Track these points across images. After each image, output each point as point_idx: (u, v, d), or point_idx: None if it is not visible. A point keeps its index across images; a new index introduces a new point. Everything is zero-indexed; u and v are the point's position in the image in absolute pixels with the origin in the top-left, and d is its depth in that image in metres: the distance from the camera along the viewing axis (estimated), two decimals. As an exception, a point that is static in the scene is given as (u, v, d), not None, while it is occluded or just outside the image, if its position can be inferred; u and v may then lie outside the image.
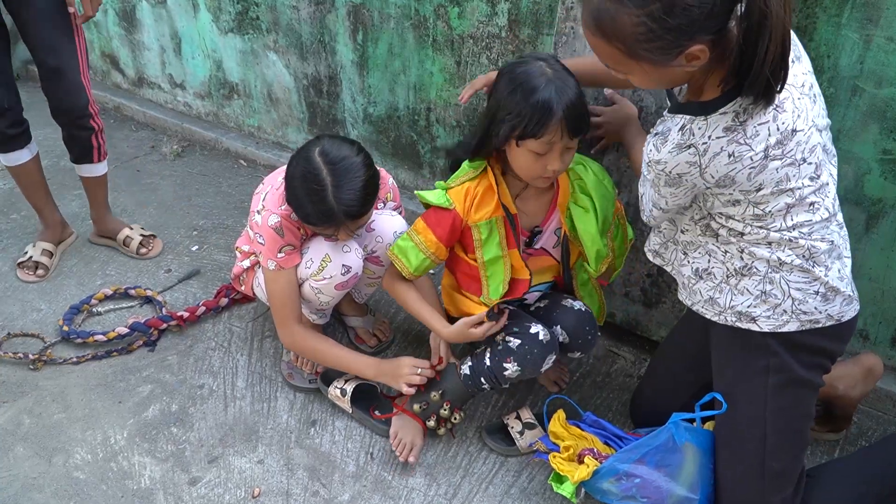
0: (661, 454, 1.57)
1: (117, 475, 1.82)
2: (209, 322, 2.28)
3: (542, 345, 1.73)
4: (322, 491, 1.79)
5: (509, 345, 1.75)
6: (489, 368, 1.77)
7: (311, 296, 1.91)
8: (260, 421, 1.96)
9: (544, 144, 1.56)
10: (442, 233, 1.75)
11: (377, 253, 1.99)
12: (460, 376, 1.82)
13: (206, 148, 3.24)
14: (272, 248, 1.82)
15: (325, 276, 1.85)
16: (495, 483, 1.81)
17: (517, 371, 1.74)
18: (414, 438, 1.85)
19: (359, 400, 1.95)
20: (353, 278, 1.89)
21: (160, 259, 2.56)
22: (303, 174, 1.71)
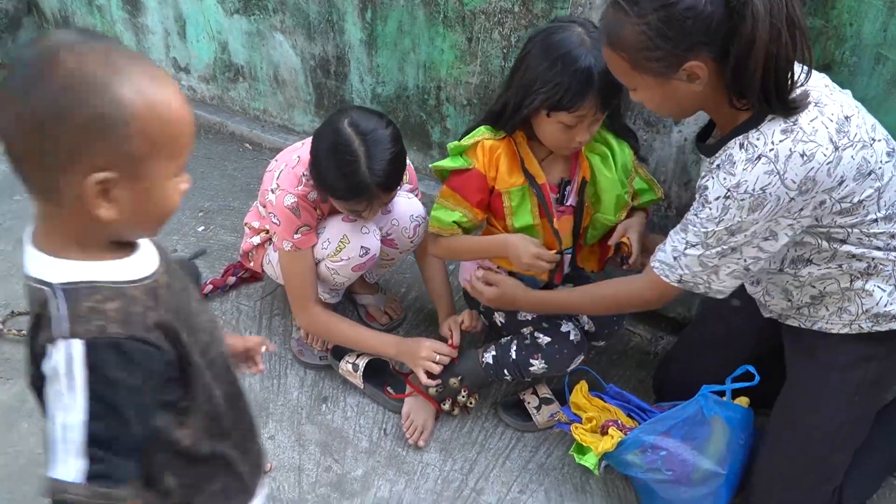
0: (688, 427, 1.54)
1: (125, 451, 1.77)
2: (216, 301, 2.24)
3: (572, 345, 1.70)
4: (335, 466, 1.75)
5: (538, 341, 1.71)
6: (514, 362, 1.73)
7: (326, 276, 1.87)
8: (270, 398, 1.92)
9: (576, 118, 1.51)
10: (470, 194, 1.67)
11: (392, 236, 1.95)
12: (481, 364, 1.78)
13: (211, 132, 3.20)
14: (288, 229, 1.78)
15: (342, 258, 1.81)
16: (512, 458, 1.78)
17: (544, 368, 1.71)
18: (426, 421, 1.81)
19: (371, 376, 1.91)
20: (370, 260, 1.85)
21: (166, 238, 2.52)
22: (333, 146, 1.64)
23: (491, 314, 1.87)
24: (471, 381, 1.80)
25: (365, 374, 1.90)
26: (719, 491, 1.55)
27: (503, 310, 1.80)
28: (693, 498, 1.55)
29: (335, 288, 1.96)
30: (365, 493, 1.69)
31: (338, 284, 1.91)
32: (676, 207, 1.99)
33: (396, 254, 2.00)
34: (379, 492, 1.69)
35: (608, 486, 1.71)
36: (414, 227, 1.93)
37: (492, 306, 1.77)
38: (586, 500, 1.68)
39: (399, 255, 2.02)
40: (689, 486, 1.54)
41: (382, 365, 1.94)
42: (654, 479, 1.56)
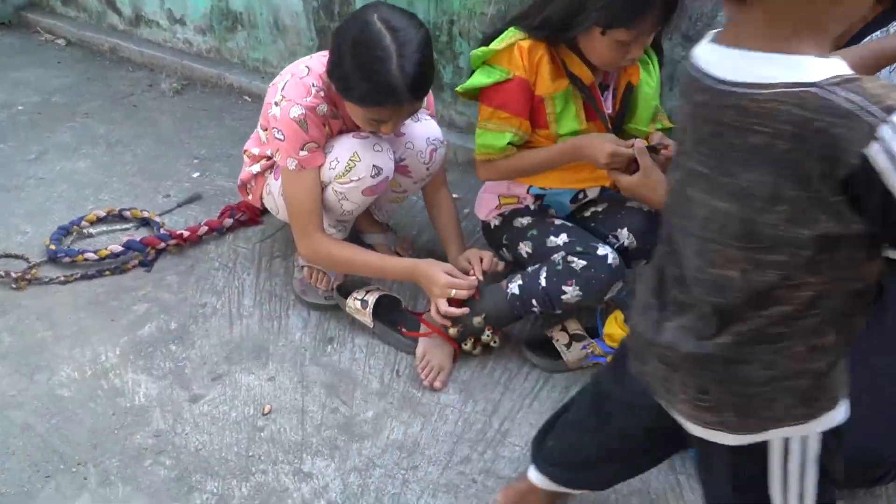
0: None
1: (108, 393, 1.59)
2: (212, 243, 2.06)
3: (610, 269, 1.52)
4: (342, 408, 1.56)
5: (571, 265, 1.53)
6: (544, 290, 1.55)
7: (333, 202, 1.69)
8: (270, 339, 1.74)
9: (633, 34, 1.37)
10: (517, 107, 1.51)
11: (406, 161, 1.76)
12: (506, 296, 1.60)
13: (208, 85, 3.03)
14: (294, 144, 1.59)
15: (352, 178, 1.62)
16: (540, 399, 1.59)
17: (578, 296, 1.53)
18: (443, 362, 1.63)
19: (381, 315, 1.73)
20: (382, 182, 1.66)
21: (158, 185, 2.34)
22: (360, 41, 1.44)
23: (515, 247, 1.69)
24: (495, 317, 1.62)
25: (375, 312, 1.71)
26: None
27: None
28: None
29: (342, 219, 1.77)
30: (377, 436, 1.50)
31: (345, 214, 1.72)
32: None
33: (410, 184, 1.81)
34: (392, 434, 1.51)
35: (649, 428, 1.53)
36: (430, 152, 1.74)
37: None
38: (626, 443, 1.50)
39: (412, 187, 1.83)
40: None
41: (393, 303, 1.76)
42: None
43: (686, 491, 1.40)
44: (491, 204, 1.74)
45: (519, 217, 1.70)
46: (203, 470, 1.42)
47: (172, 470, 1.42)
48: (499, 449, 1.48)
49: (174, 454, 1.46)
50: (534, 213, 1.70)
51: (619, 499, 1.38)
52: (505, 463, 1.45)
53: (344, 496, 1.38)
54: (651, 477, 1.42)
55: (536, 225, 1.66)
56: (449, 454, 1.46)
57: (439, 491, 1.39)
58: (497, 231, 1.74)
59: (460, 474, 1.43)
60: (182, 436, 1.49)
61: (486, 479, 1.42)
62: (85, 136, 2.63)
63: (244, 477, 1.41)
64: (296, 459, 1.45)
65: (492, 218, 1.75)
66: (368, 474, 1.42)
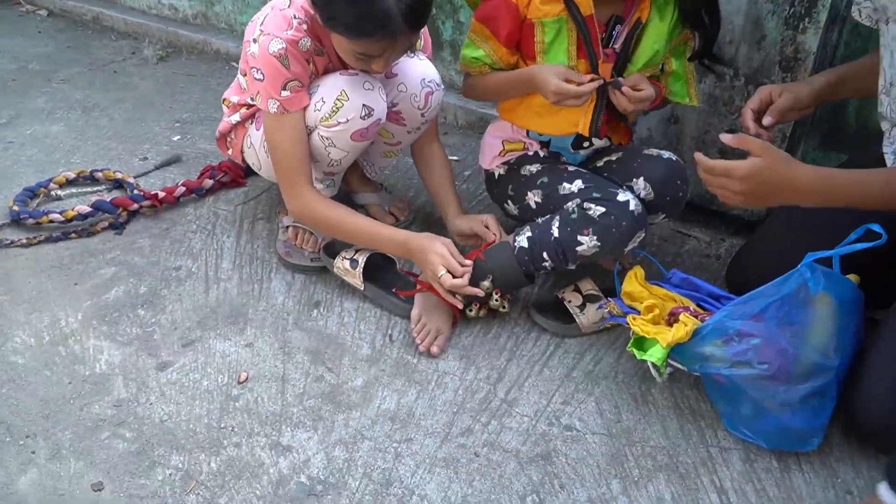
0: (788, 307, 1.18)
1: (66, 360, 1.42)
2: (190, 205, 1.89)
3: (632, 217, 1.34)
4: (328, 375, 1.39)
5: (588, 213, 1.36)
6: (556, 241, 1.38)
7: (319, 150, 1.51)
8: (250, 303, 1.57)
9: None
10: (497, 25, 1.38)
11: (399, 107, 1.59)
12: (514, 250, 1.43)
13: (194, 52, 2.86)
14: (274, 83, 1.41)
15: (339, 120, 1.44)
16: (551, 366, 1.41)
17: (595, 247, 1.35)
18: (441, 325, 1.45)
19: (372, 276, 1.55)
20: (373, 126, 1.48)
21: (135, 148, 2.17)
22: None
23: (522, 198, 1.52)
24: (502, 278, 1.44)
25: (366, 273, 1.54)
26: (827, 390, 1.19)
27: (757, 205, 1.34)
28: (793, 398, 1.18)
29: (331, 171, 1.59)
30: (366, 405, 1.33)
31: (333, 164, 1.55)
32: (745, 75, 1.63)
33: (403, 133, 1.64)
34: (384, 403, 1.33)
35: (676, 396, 1.35)
36: (426, 95, 1.57)
37: (741, 204, 1.20)
38: (649, 413, 1.32)
39: (406, 138, 1.66)
40: (788, 383, 1.18)
41: (386, 263, 1.58)
42: (743, 377, 1.19)
43: (720, 466, 1.22)
44: (494, 150, 1.56)
45: (527, 165, 1.52)
46: (167, 443, 1.25)
47: (132, 443, 1.25)
48: (504, 420, 1.30)
49: (136, 426, 1.28)
50: (543, 160, 1.53)
51: (642, 474, 1.20)
52: (512, 435, 1.27)
53: (327, 471, 1.20)
54: (679, 451, 1.24)
55: (547, 172, 1.49)
56: (448, 425, 1.29)
57: (437, 465, 1.22)
58: (502, 181, 1.56)
59: (461, 447, 1.25)
60: (146, 406, 1.32)
61: (491, 453, 1.24)
62: (60, 100, 2.46)
63: (214, 451, 1.24)
64: (273, 432, 1.27)
65: (496, 167, 1.58)
66: (356, 447, 1.25)
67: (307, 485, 1.18)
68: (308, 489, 1.17)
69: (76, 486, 1.18)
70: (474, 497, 1.17)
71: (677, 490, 1.18)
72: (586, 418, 1.30)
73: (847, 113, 1.75)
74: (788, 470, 1.22)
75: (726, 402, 1.27)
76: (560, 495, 1.17)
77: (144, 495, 1.16)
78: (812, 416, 1.21)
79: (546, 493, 1.17)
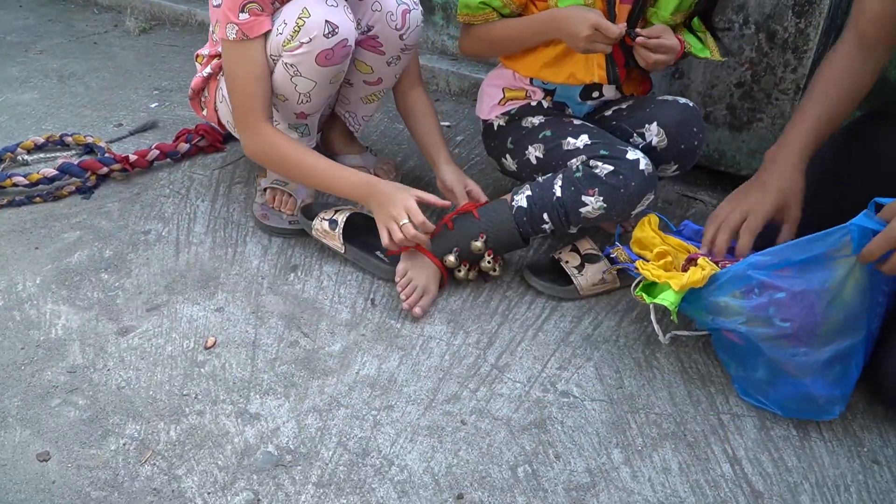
0: (822, 264, 1.04)
1: (19, 325, 1.30)
2: (164, 170, 1.78)
3: (641, 177, 1.23)
4: (303, 340, 1.27)
5: (594, 171, 1.25)
6: (559, 201, 1.27)
7: (285, 83, 1.36)
8: (222, 267, 1.45)
9: None
10: None
11: (375, 30, 1.43)
12: (512, 210, 1.31)
13: (178, 24, 2.75)
14: (233, 6, 1.29)
15: (301, 41, 1.30)
16: (546, 330, 1.30)
17: (601, 209, 1.24)
18: (427, 284, 1.33)
19: (353, 237, 1.44)
20: (340, 48, 1.33)
21: (110, 115, 2.06)
22: None
23: (522, 153, 1.40)
24: (495, 239, 1.33)
25: (346, 234, 1.42)
26: (854, 354, 1.07)
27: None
28: (816, 362, 1.06)
29: (302, 113, 1.45)
30: (343, 372, 1.21)
31: (303, 100, 1.40)
32: (756, 22, 1.51)
33: (382, 65, 1.49)
34: (363, 369, 1.22)
35: (683, 361, 1.23)
36: (402, 13, 1.43)
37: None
38: (654, 378, 1.20)
39: (387, 71, 1.50)
40: (810, 345, 1.06)
41: (367, 222, 1.47)
42: (761, 336, 1.07)
43: (732, 433, 1.10)
44: (494, 98, 1.45)
45: (528, 116, 1.41)
46: (123, 411, 1.14)
47: (85, 411, 1.14)
48: (495, 386, 1.18)
49: (90, 393, 1.17)
50: (547, 111, 1.41)
51: (646, 442, 1.09)
52: (503, 402, 1.15)
53: (298, 440, 1.09)
54: (687, 418, 1.13)
55: (550, 125, 1.37)
56: (432, 392, 1.17)
57: (419, 434, 1.10)
58: (501, 133, 1.45)
59: (446, 415, 1.13)
60: (102, 372, 1.21)
61: (479, 421, 1.12)
62: (35, 69, 2.35)
63: (174, 419, 1.12)
64: (241, 399, 1.16)
65: (495, 117, 1.46)
66: (330, 415, 1.13)
67: (275, 455, 1.07)
68: (276, 459, 1.06)
69: (20, 456, 1.06)
70: (460, 467, 1.05)
71: (685, 459, 1.06)
72: (584, 384, 1.19)
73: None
74: (808, 438, 1.10)
75: (739, 364, 1.16)
76: (555, 465, 1.05)
77: (94, 466, 1.05)
78: (835, 383, 1.09)
79: (539, 462, 1.06)
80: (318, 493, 1.01)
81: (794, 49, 1.48)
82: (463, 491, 1.02)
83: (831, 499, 1.01)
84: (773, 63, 1.51)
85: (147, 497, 1.00)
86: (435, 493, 1.01)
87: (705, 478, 1.04)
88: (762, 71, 1.53)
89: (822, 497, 1.01)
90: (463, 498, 1.01)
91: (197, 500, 1.00)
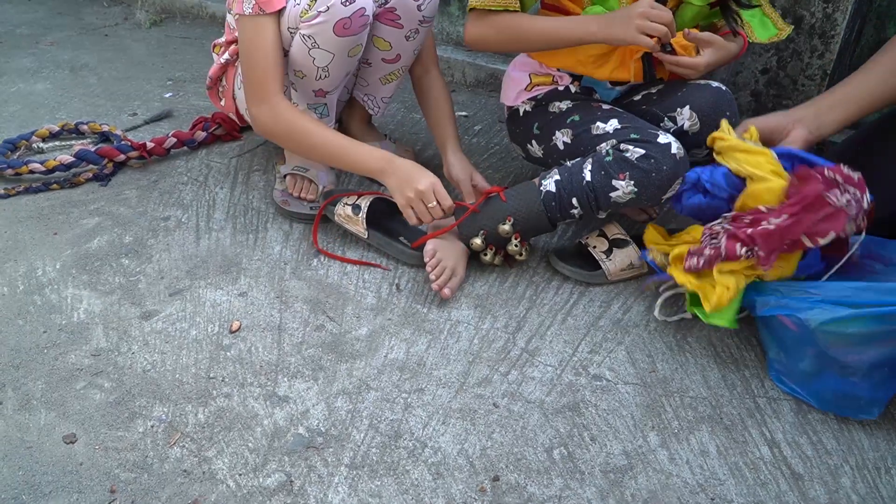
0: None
1: (41, 309, 1.29)
2: (181, 158, 1.76)
3: (673, 161, 1.21)
4: (329, 325, 1.26)
5: (626, 154, 1.23)
6: (589, 185, 1.25)
7: (303, 56, 1.35)
8: (244, 252, 1.44)
9: None
10: None
11: (392, 2, 1.41)
12: (540, 195, 1.30)
13: (189, 16, 2.74)
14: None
15: (319, 9, 1.28)
16: (575, 315, 1.28)
17: (632, 193, 1.23)
18: (456, 266, 1.32)
19: (377, 222, 1.43)
20: (358, 17, 1.31)
21: (124, 104, 2.04)
22: None
23: (549, 138, 1.38)
24: (524, 222, 1.31)
25: (369, 219, 1.41)
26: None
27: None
28: (865, 364, 1.03)
29: (321, 91, 1.43)
30: (371, 355, 1.19)
31: (321, 75, 1.38)
32: (783, 6, 1.50)
33: (401, 40, 1.46)
34: (391, 353, 1.20)
35: (715, 345, 1.22)
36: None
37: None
38: (686, 362, 1.18)
39: (405, 47, 1.48)
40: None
41: (392, 208, 1.46)
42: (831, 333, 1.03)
43: (769, 417, 1.09)
44: (520, 84, 1.43)
45: (556, 101, 1.39)
46: (150, 393, 1.12)
47: (111, 393, 1.12)
48: (526, 369, 1.17)
49: (115, 376, 1.15)
50: (575, 95, 1.39)
51: (682, 425, 1.07)
52: (535, 385, 1.14)
53: (329, 423, 1.07)
54: (723, 401, 1.11)
55: (579, 109, 1.35)
56: (463, 375, 1.16)
57: (451, 417, 1.08)
58: (527, 119, 1.43)
59: (478, 398, 1.12)
60: (127, 355, 1.19)
61: (512, 404, 1.11)
62: (47, 60, 2.34)
63: (202, 401, 1.11)
64: (269, 382, 1.14)
65: (521, 102, 1.44)
66: (360, 398, 1.11)
67: (306, 437, 1.05)
68: (307, 441, 1.04)
69: (46, 439, 1.04)
70: (494, 450, 1.03)
71: (723, 442, 1.05)
72: (617, 368, 1.17)
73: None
74: (847, 421, 1.08)
75: (782, 350, 1.13)
76: (591, 448, 1.04)
77: (122, 448, 1.03)
78: (881, 384, 1.06)
79: (575, 445, 1.04)
80: (351, 474, 0.99)
81: (821, 34, 1.47)
82: (499, 473, 1.00)
83: (872, 481, 1.00)
84: (800, 49, 1.50)
85: (178, 478, 0.99)
86: (470, 475, 1.00)
87: (744, 460, 1.02)
88: (788, 57, 1.52)
89: (862, 480, 1.00)
90: (499, 480, 0.99)
91: (229, 481, 0.98)
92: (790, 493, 0.98)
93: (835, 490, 0.98)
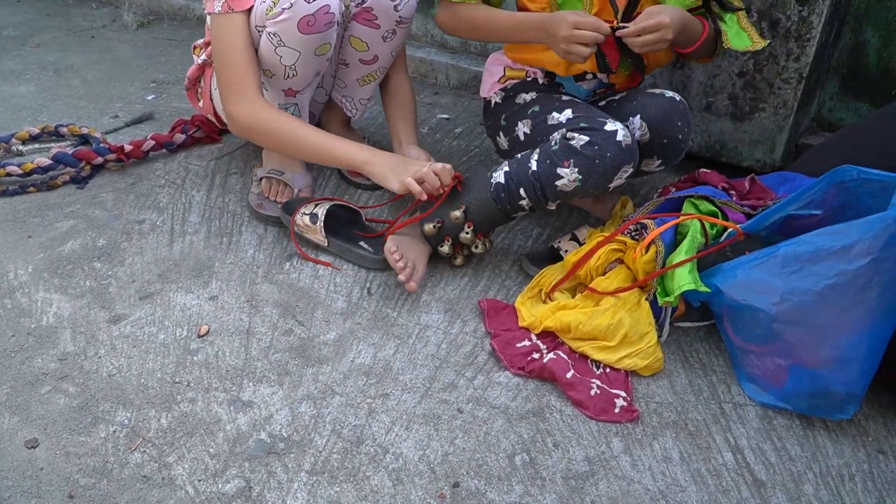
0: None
1: (10, 312, 1.29)
2: (160, 161, 1.76)
3: (619, 148, 1.20)
4: (298, 329, 1.25)
5: (571, 143, 1.22)
6: (534, 174, 1.24)
7: (270, 54, 1.34)
8: (216, 256, 1.43)
9: None
10: None
11: (369, 2, 1.40)
12: (490, 186, 1.29)
13: (176, 18, 2.74)
14: None
15: (283, 6, 1.27)
16: (545, 319, 1.28)
17: (576, 181, 1.22)
18: (416, 259, 1.32)
19: (335, 229, 1.42)
20: (322, 14, 1.29)
21: (106, 107, 2.04)
22: None
23: (513, 129, 1.38)
24: (477, 213, 1.31)
25: (327, 226, 1.40)
26: (875, 353, 1.02)
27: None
28: (835, 356, 1.02)
29: (290, 90, 1.42)
30: (338, 360, 1.19)
31: (289, 74, 1.37)
32: (759, 10, 1.49)
33: (378, 40, 1.46)
34: (358, 358, 1.20)
35: (684, 350, 1.21)
36: None
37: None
38: (654, 367, 1.18)
39: (383, 48, 1.48)
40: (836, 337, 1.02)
41: (349, 214, 1.45)
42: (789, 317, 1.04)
43: (734, 423, 1.08)
44: (495, 76, 1.44)
45: (523, 93, 1.40)
46: (114, 398, 1.12)
47: (75, 398, 1.12)
48: (493, 375, 1.16)
49: (80, 380, 1.15)
50: (540, 88, 1.40)
51: (646, 431, 1.07)
52: (500, 390, 1.13)
53: (291, 428, 1.07)
54: (688, 407, 1.11)
55: (539, 101, 1.36)
56: (429, 380, 1.15)
57: (415, 422, 1.08)
58: (497, 110, 1.44)
59: (442, 403, 1.11)
60: (94, 360, 1.19)
61: (476, 409, 1.10)
62: (32, 63, 2.34)
63: (165, 406, 1.10)
64: (233, 387, 1.14)
65: (493, 94, 1.45)
66: (325, 403, 1.11)
67: (268, 442, 1.05)
68: (268, 447, 1.04)
69: (8, 443, 1.04)
70: (456, 455, 1.03)
71: (686, 448, 1.04)
72: (584, 373, 1.17)
73: (867, 55, 1.62)
74: (812, 427, 1.08)
75: (737, 333, 1.13)
76: (554, 454, 1.03)
77: (83, 453, 1.03)
78: (855, 380, 1.03)
79: (538, 451, 1.04)
80: (311, 480, 0.99)
81: (796, 37, 1.46)
82: (459, 479, 1.00)
83: (835, 488, 0.99)
84: (776, 52, 1.49)
85: (136, 484, 0.98)
86: (430, 482, 0.99)
87: (707, 467, 1.02)
88: (764, 60, 1.51)
89: (826, 487, 0.99)
90: (459, 486, 0.99)
91: (187, 487, 0.98)
92: (751, 501, 0.97)
93: (797, 497, 0.98)
